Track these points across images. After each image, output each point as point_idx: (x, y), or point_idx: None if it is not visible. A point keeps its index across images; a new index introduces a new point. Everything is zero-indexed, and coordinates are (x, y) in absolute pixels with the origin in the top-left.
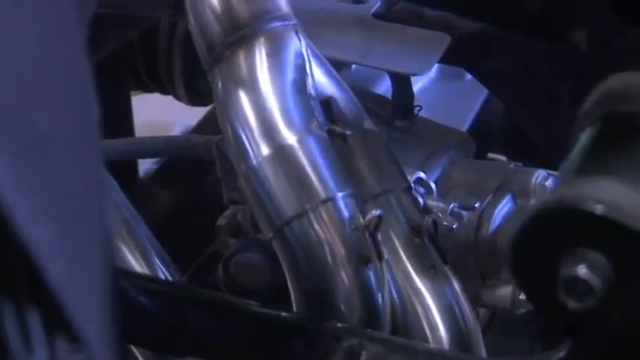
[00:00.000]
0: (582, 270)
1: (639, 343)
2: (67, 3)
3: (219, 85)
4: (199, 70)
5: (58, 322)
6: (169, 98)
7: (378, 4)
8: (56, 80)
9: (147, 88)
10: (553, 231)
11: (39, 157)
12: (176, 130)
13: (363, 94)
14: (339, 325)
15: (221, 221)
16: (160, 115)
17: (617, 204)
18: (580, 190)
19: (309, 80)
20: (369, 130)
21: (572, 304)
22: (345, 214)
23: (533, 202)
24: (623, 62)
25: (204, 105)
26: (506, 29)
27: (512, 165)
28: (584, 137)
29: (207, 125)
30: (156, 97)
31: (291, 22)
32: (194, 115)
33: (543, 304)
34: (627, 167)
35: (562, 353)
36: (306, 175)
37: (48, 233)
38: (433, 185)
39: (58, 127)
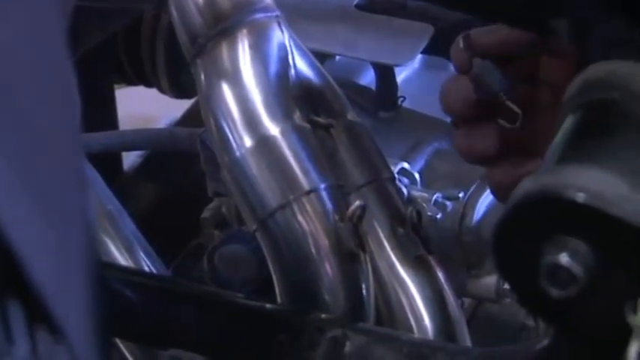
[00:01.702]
0: (564, 258)
1: (622, 331)
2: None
3: (202, 77)
4: (183, 63)
5: (39, 314)
6: (155, 91)
7: None
8: (36, 75)
9: (130, 81)
10: (534, 219)
11: (19, 152)
12: (162, 123)
13: (347, 85)
14: (323, 316)
15: (206, 213)
16: (145, 107)
17: (598, 192)
18: (561, 178)
19: (292, 72)
20: (353, 121)
21: (554, 292)
22: (329, 205)
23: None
24: (605, 51)
25: (189, 97)
26: (487, 19)
27: None
28: (566, 125)
29: (192, 118)
30: (141, 90)
31: (274, 14)
32: (180, 107)
33: (526, 293)
34: (608, 155)
35: (545, 342)
36: (289, 167)
37: (29, 227)
38: (417, 176)
39: (38, 122)
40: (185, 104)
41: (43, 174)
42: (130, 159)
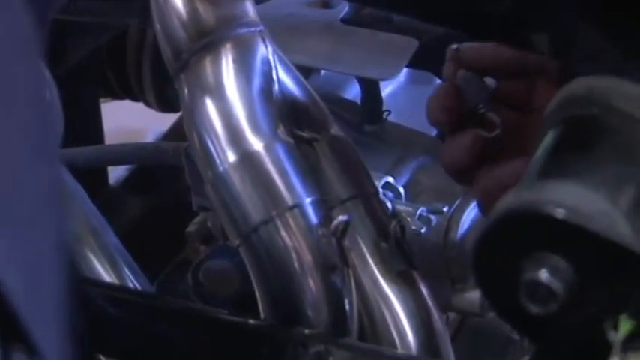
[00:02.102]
0: (544, 274)
1: (602, 347)
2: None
3: (186, 92)
4: (169, 77)
5: (15, 334)
6: (142, 105)
7: (347, 9)
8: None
9: (116, 95)
10: (514, 235)
11: None
12: (149, 137)
13: (332, 99)
14: (306, 331)
15: (191, 228)
16: (132, 121)
17: (577, 208)
18: (541, 194)
19: (276, 86)
20: (336, 136)
21: (534, 308)
22: (312, 220)
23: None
24: (586, 67)
25: (175, 111)
26: (470, 35)
27: None
28: (547, 140)
29: (179, 131)
30: (128, 104)
31: (258, 29)
32: (168, 121)
33: (506, 309)
34: (589, 170)
35: (527, 358)
36: (273, 182)
37: (4, 244)
38: (402, 190)
39: (10, 138)
40: (172, 117)
41: (17, 191)
42: (117, 173)
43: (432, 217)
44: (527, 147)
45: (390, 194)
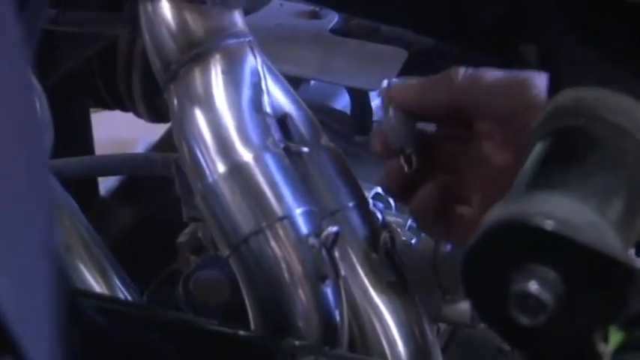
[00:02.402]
0: (533, 286)
1: (592, 359)
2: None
3: (175, 102)
4: (159, 87)
5: (5, 345)
6: (132, 115)
7: (336, 20)
8: None
9: (106, 106)
10: (503, 247)
11: None
12: (139, 147)
13: (322, 110)
14: (296, 342)
15: (181, 238)
16: (122, 131)
17: (566, 219)
18: (529, 206)
19: (265, 97)
20: (326, 147)
21: (523, 320)
22: (302, 231)
23: None
24: (573, 78)
25: (165, 122)
26: (459, 46)
27: None
28: (535, 152)
29: (168, 142)
30: (118, 114)
31: (247, 39)
32: (158, 131)
33: (495, 321)
34: (577, 182)
35: None
36: (263, 193)
37: None
38: (392, 200)
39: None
40: (162, 128)
41: (6, 202)
42: (107, 183)
43: None
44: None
45: (380, 205)
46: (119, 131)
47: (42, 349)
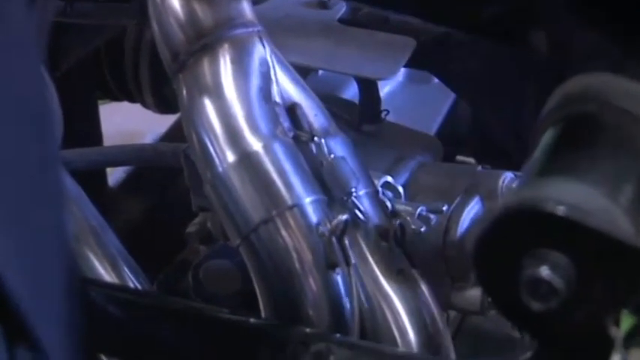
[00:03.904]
0: (545, 271)
1: (603, 343)
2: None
3: (184, 92)
4: (167, 78)
5: (19, 332)
6: (140, 107)
7: (344, 9)
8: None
9: (114, 97)
10: (515, 233)
11: None
12: (147, 139)
13: (330, 99)
14: (307, 330)
15: (190, 228)
16: (131, 123)
17: (577, 204)
18: (541, 192)
19: (274, 86)
20: (335, 136)
21: (535, 305)
22: (312, 219)
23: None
24: (583, 64)
25: (173, 112)
26: (468, 33)
27: (479, 168)
28: (546, 138)
29: (177, 133)
30: (126, 106)
31: (255, 29)
32: (166, 123)
33: (507, 306)
34: (587, 167)
35: (528, 355)
36: (272, 182)
37: (5, 246)
38: (401, 189)
39: (10, 139)
40: (170, 119)
41: (19, 191)
42: (116, 175)
43: (432, 216)
44: None
45: (389, 193)
46: (126, 124)
47: (55, 337)
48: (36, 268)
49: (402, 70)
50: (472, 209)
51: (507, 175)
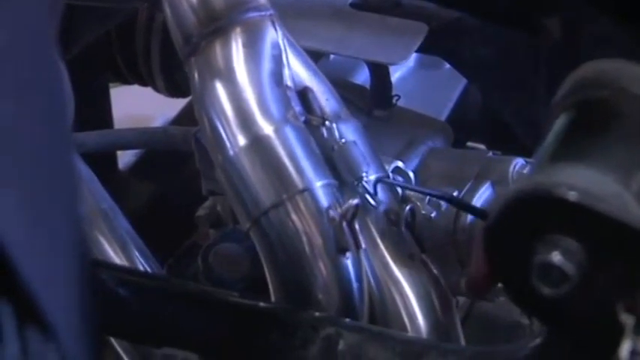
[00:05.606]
0: (556, 257)
1: (614, 329)
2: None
3: (196, 76)
4: (178, 62)
5: (29, 314)
6: (151, 90)
7: None
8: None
9: (125, 80)
10: (526, 218)
11: (5, 151)
12: (157, 123)
13: (342, 84)
14: (316, 314)
15: (200, 212)
16: (141, 108)
17: (589, 190)
18: (553, 177)
19: (286, 70)
20: (347, 120)
21: (546, 290)
22: (323, 203)
23: None
24: (596, 50)
25: (183, 96)
26: (481, 18)
27: (490, 153)
28: (558, 124)
29: (187, 117)
30: (137, 90)
31: (268, 13)
32: (176, 107)
33: (518, 291)
34: (600, 153)
35: (538, 340)
36: (283, 165)
37: (18, 227)
38: (412, 174)
39: (25, 122)
40: (182, 103)
41: (30, 174)
42: (126, 158)
43: (442, 201)
44: None
45: (400, 178)
46: (137, 108)
47: (65, 318)
48: (47, 250)
49: (414, 55)
50: (483, 195)
51: (518, 161)
